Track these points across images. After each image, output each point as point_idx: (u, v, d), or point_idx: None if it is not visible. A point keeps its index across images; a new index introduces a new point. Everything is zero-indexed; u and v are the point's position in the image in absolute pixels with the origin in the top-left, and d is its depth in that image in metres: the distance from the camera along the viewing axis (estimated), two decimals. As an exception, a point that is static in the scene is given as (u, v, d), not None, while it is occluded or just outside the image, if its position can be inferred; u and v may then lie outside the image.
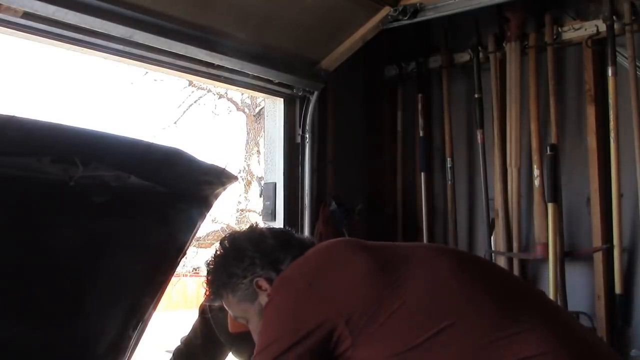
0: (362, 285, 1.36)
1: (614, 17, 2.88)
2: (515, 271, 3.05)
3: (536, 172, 3.01)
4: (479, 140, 3.24)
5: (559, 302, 2.77)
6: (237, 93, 3.28)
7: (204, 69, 2.74)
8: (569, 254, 2.94)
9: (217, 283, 1.57)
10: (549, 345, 1.27)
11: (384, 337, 1.31)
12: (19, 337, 1.32)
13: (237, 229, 1.59)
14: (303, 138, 3.22)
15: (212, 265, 1.58)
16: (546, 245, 2.85)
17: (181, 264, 1.72)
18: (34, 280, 1.27)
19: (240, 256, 1.53)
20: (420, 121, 3.47)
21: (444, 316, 1.30)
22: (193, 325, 2.44)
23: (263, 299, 1.51)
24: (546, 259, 2.85)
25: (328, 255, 1.50)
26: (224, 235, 1.60)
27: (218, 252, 1.58)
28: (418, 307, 1.32)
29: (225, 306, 1.61)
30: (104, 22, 2.23)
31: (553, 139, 2.99)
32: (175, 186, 1.39)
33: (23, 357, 1.36)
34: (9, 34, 2.19)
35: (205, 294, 1.86)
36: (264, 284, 1.51)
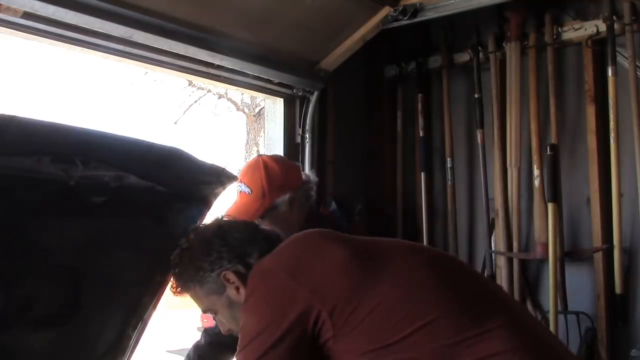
0: (343, 275, 1.38)
1: (614, 17, 2.88)
2: (515, 271, 3.06)
3: (536, 172, 3.01)
4: (479, 140, 3.24)
5: (558, 302, 2.78)
6: (237, 93, 3.29)
7: (204, 69, 2.74)
8: (569, 254, 2.94)
9: (184, 277, 1.57)
10: (510, 344, 1.29)
11: (363, 332, 1.33)
12: (19, 337, 1.32)
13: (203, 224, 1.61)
14: (303, 138, 3.22)
15: (178, 258, 1.58)
16: (546, 245, 2.84)
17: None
18: (33, 279, 1.27)
19: (207, 250, 1.54)
20: (420, 121, 3.47)
21: (419, 316, 1.32)
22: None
23: (231, 291, 1.53)
24: (546, 259, 2.84)
25: (305, 245, 1.50)
26: (189, 229, 1.60)
27: (184, 246, 1.58)
28: (394, 306, 1.34)
29: (192, 299, 1.61)
30: (104, 22, 2.23)
31: (553, 139, 2.99)
32: (175, 186, 1.39)
33: (23, 357, 1.36)
34: (9, 34, 2.19)
35: (172, 287, 1.90)
36: (231, 277, 1.52)
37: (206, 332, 2.43)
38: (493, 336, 1.30)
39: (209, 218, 1.73)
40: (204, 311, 1.63)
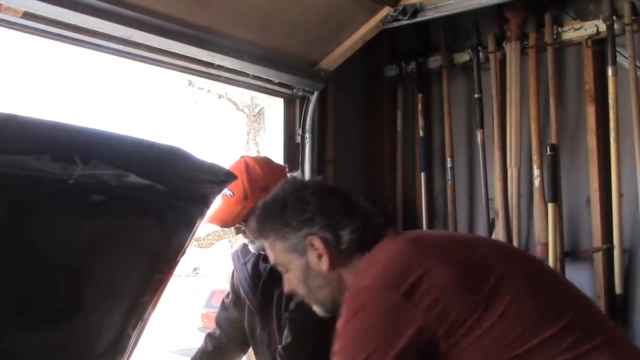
0: (457, 293, 1.30)
1: (614, 17, 2.88)
2: (515, 271, 3.06)
3: (536, 172, 3.01)
4: (479, 140, 3.24)
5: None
6: (237, 93, 3.28)
7: (204, 69, 2.74)
8: (569, 254, 2.93)
9: (268, 226, 1.52)
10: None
11: (477, 349, 1.27)
12: (18, 337, 1.32)
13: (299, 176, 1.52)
14: (303, 138, 3.22)
15: (269, 205, 1.53)
16: (546, 245, 2.84)
17: (180, 263, 1.72)
18: (32, 279, 1.27)
19: (301, 208, 1.48)
20: (420, 121, 3.47)
21: (535, 333, 1.27)
22: (216, 321, 2.45)
23: (312, 257, 1.47)
24: (546, 259, 2.84)
25: (408, 261, 1.38)
26: (289, 178, 1.53)
27: (279, 194, 1.53)
28: (512, 323, 1.28)
29: (266, 246, 1.57)
30: (104, 22, 2.23)
31: (553, 139, 2.99)
32: (175, 185, 1.39)
33: (22, 357, 1.36)
34: (9, 33, 2.20)
35: (245, 228, 1.90)
36: (317, 243, 1.46)
37: (210, 337, 2.43)
38: (602, 351, 1.27)
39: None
40: (274, 263, 1.58)
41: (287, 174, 2.27)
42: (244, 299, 2.33)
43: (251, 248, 2.25)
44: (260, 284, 2.22)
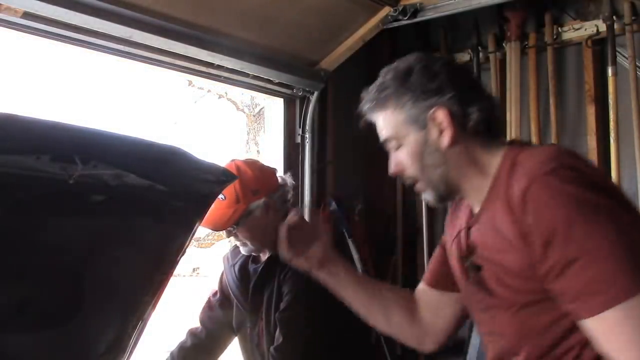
0: None
1: (614, 17, 2.88)
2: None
3: (536, 172, 3.01)
4: (479, 140, 3.24)
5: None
6: (237, 93, 3.27)
7: (204, 69, 2.74)
8: (569, 254, 2.93)
9: (387, 92, 1.39)
10: None
11: None
12: (17, 337, 1.32)
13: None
14: (303, 138, 3.22)
15: (392, 73, 1.39)
16: (546, 245, 2.84)
17: (180, 263, 1.72)
18: (31, 279, 1.26)
19: (429, 77, 1.34)
20: (420, 121, 3.46)
21: None
22: (199, 318, 2.45)
23: (432, 132, 1.34)
24: (546, 259, 2.84)
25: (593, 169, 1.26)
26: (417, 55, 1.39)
27: (403, 63, 1.39)
28: None
29: (375, 117, 1.44)
30: (104, 22, 2.23)
31: (553, 139, 2.99)
32: (175, 185, 1.39)
33: (22, 357, 1.36)
34: (9, 33, 2.20)
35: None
36: (441, 115, 1.32)
37: (191, 333, 2.43)
38: None
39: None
40: (386, 138, 1.43)
41: (278, 177, 2.27)
42: (233, 300, 2.34)
43: (242, 250, 2.26)
44: (252, 285, 2.23)
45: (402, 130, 1.37)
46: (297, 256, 1.62)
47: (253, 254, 2.28)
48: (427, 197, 1.42)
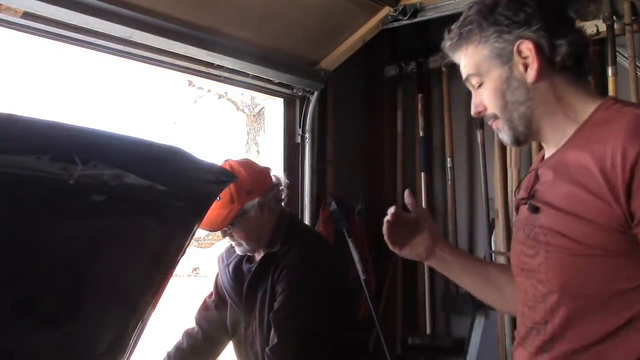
0: None
1: (614, 17, 2.88)
2: (515, 271, 3.05)
3: (536, 172, 3.01)
4: (479, 140, 3.24)
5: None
6: (237, 93, 3.27)
7: (204, 69, 2.74)
8: (569, 253, 2.93)
9: (471, 26, 1.31)
10: None
11: None
12: (17, 337, 1.32)
13: None
14: (303, 138, 3.22)
15: (478, 3, 1.31)
16: (546, 245, 2.84)
17: (180, 263, 1.72)
18: (32, 279, 1.26)
19: (516, 7, 1.27)
20: (420, 121, 3.47)
21: None
22: (195, 319, 2.45)
23: (517, 67, 1.27)
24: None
25: None
26: None
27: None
28: None
29: (457, 56, 1.37)
30: (104, 22, 2.23)
31: (553, 139, 2.98)
32: (174, 185, 1.39)
33: (22, 357, 1.36)
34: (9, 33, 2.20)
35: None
36: (528, 48, 1.25)
37: (187, 334, 2.43)
38: None
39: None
40: (468, 75, 1.35)
41: (272, 176, 2.28)
42: (227, 300, 2.34)
43: (238, 250, 2.26)
44: (246, 284, 2.23)
45: (484, 65, 1.31)
46: (403, 249, 1.62)
47: (248, 253, 2.28)
48: (503, 136, 1.35)
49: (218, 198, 2.09)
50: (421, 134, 3.47)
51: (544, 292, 1.29)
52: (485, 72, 1.31)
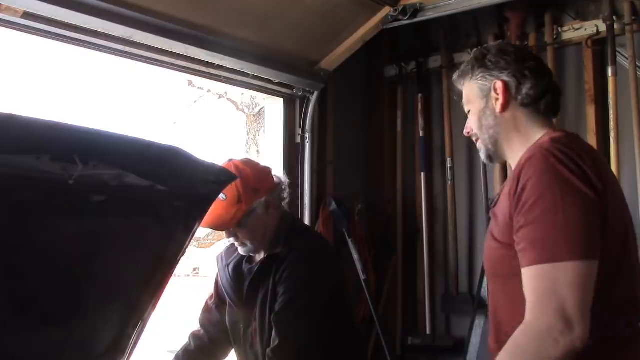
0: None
1: (614, 17, 2.88)
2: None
3: (536, 172, 3.01)
4: (479, 140, 3.24)
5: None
6: (237, 93, 3.27)
7: (204, 69, 2.74)
8: (569, 254, 2.93)
9: (469, 66, 1.67)
10: None
11: None
12: (17, 337, 1.32)
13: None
14: (303, 138, 3.22)
15: (478, 50, 1.68)
16: (546, 245, 2.84)
17: (180, 263, 1.72)
18: (32, 279, 1.26)
19: (501, 55, 1.63)
20: (420, 121, 3.47)
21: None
22: (199, 321, 2.45)
23: (492, 99, 1.62)
24: (546, 259, 2.83)
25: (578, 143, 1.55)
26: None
27: (484, 48, 1.69)
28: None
29: (458, 86, 1.73)
30: (104, 22, 2.23)
31: (553, 139, 2.98)
32: (174, 185, 1.39)
33: (22, 357, 1.35)
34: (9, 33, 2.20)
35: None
36: (499, 87, 1.60)
37: (194, 336, 2.43)
38: None
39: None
40: (462, 103, 1.71)
41: (273, 175, 2.27)
42: (227, 301, 2.33)
43: (241, 251, 2.25)
44: (246, 285, 2.23)
45: (472, 96, 1.68)
46: None
47: (251, 254, 2.28)
48: (481, 153, 1.70)
49: (224, 197, 2.09)
50: (421, 134, 3.47)
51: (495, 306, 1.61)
52: (472, 101, 1.68)
